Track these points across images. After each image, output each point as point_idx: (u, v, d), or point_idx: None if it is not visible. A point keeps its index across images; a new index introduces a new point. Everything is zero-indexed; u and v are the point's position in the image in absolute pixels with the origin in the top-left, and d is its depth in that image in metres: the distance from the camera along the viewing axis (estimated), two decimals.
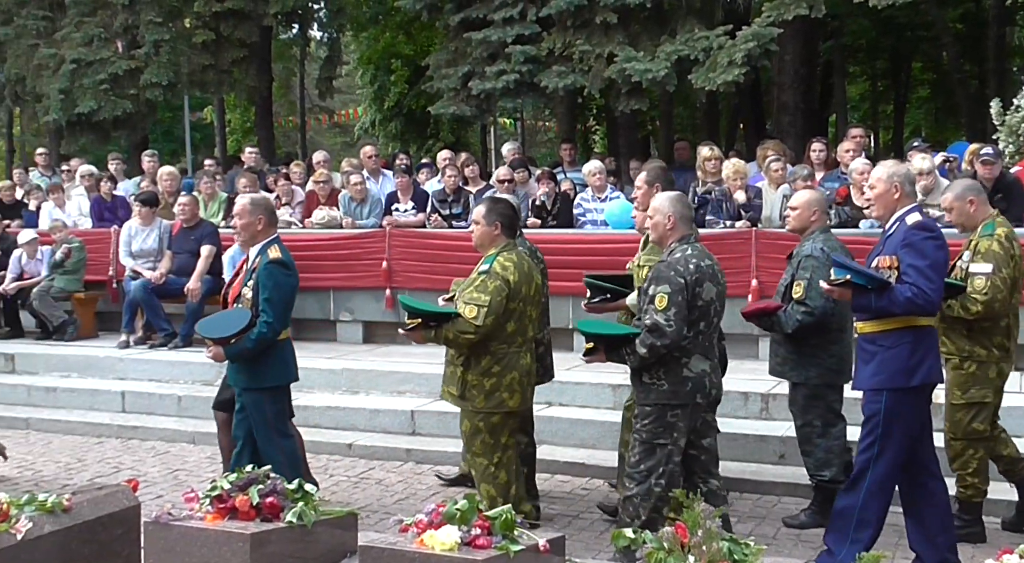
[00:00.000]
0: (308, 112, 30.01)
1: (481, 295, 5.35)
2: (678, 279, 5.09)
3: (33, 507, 4.04)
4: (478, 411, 5.52)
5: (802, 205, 6.07)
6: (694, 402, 5.23)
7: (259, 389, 5.94)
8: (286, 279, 5.96)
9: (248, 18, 16.02)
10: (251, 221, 6.01)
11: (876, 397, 5.04)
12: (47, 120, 16.36)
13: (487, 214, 5.61)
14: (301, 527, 4.31)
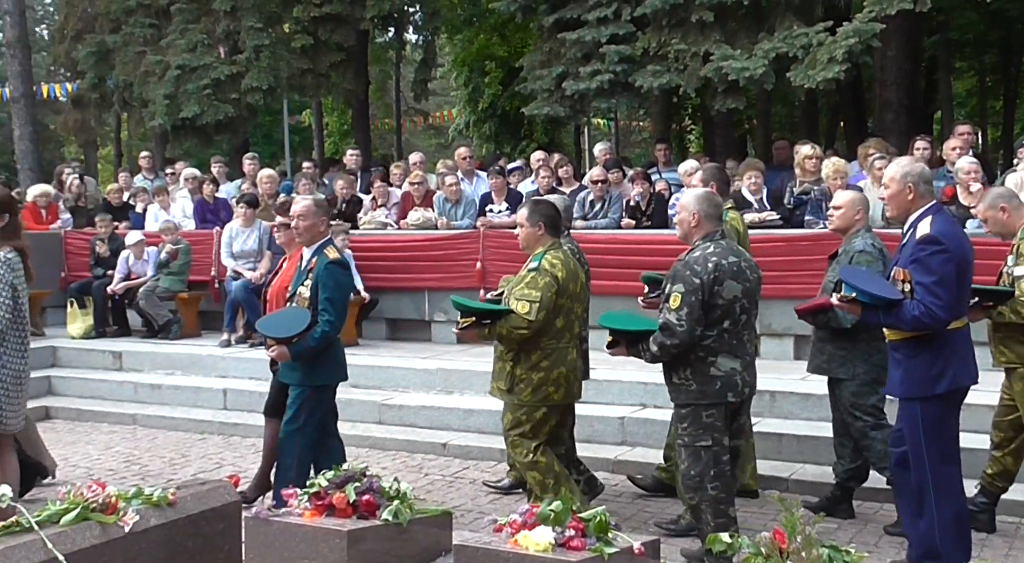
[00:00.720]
0: (404, 114, 30.38)
1: (532, 291, 5.50)
2: (693, 279, 5.13)
3: (140, 500, 4.15)
4: (523, 404, 5.66)
5: (846, 204, 6.05)
6: (726, 401, 5.25)
7: (308, 386, 6.05)
8: (346, 279, 6.19)
9: (345, 22, 16.26)
10: (315, 222, 6.14)
11: (909, 405, 5.03)
12: (153, 124, 16.87)
13: (530, 215, 5.76)
14: (396, 525, 4.35)
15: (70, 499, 3.96)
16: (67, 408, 9.93)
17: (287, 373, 6.12)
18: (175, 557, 4.18)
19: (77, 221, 13.15)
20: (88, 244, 12.13)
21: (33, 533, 3.73)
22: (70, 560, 3.69)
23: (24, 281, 5.61)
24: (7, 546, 3.63)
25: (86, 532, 3.86)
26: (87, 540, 3.84)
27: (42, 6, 40.33)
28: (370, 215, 11.43)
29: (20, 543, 3.67)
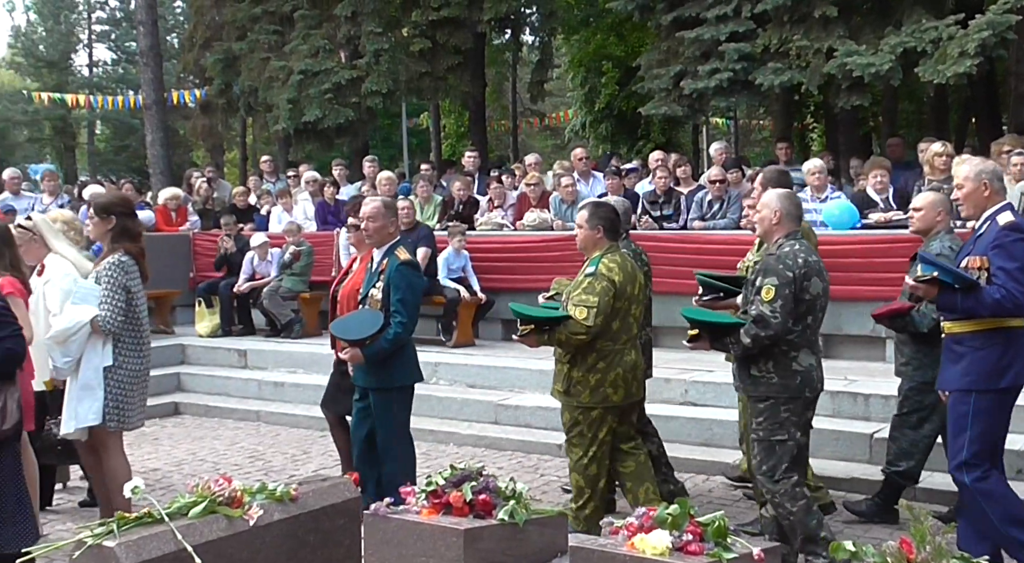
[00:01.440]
0: (520, 116, 30.47)
1: (590, 297, 5.53)
2: (786, 272, 5.14)
3: (263, 495, 4.24)
4: (581, 406, 5.68)
5: (926, 206, 6.00)
6: (804, 396, 5.28)
7: (389, 389, 6.04)
8: (418, 280, 6.13)
9: (463, 25, 16.40)
10: (384, 224, 6.12)
11: (964, 398, 4.97)
12: (276, 129, 17.32)
13: (590, 218, 5.79)
14: (513, 525, 4.33)
15: (198, 492, 4.08)
16: (195, 404, 10.26)
17: (363, 376, 6.10)
18: (297, 551, 4.26)
19: (205, 223, 13.58)
20: (215, 245, 12.51)
21: (164, 524, 3.85)
22: (198, 551, 3.80)
23: (139, 283, 5.76)
24: (140, 536, 3.76)
25: (213, 525, 3.97)
26: (214, 532, 3.94)
27: (173, 16, 41.85)
28: (487, 216, 11.51)
29: (152, 534, 3.79)
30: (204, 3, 20.99)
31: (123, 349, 5.69)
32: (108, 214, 5.75)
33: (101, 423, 5.64)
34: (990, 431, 4.96)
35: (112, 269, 5.62)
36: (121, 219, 5.78)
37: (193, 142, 31.80)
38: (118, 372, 5.66)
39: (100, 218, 5.78)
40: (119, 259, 5.67)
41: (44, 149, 45.92)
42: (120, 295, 5.61)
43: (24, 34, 46.75)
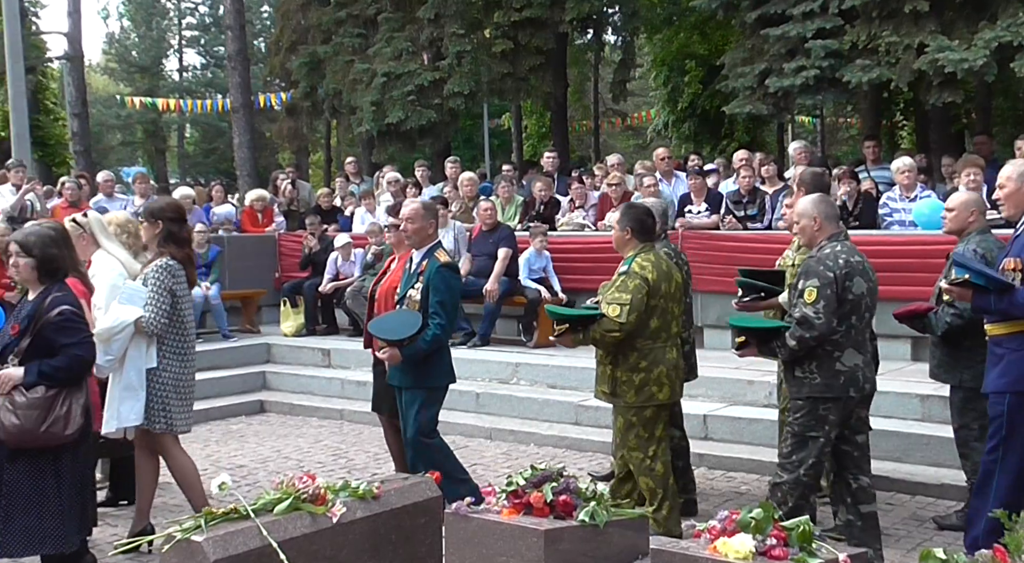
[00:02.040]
0: (602, 115, 30.40)
1: (622, 294, 5.59)
2: (827, 273, 5.18)
3: (347, 493, 4.29)
4: (630, 406, 5.72)
5: (959, 206, 5.96)
6: (847, 395, 5.27)
7: (422, 388, 6.05)
8: (457, 283, 6.15)
9: (545, 26, 16.40)
10: (423, 225, 6.15)
11: (999, 399, 4.96)
12: (360, 130, 17.52)
13: (620, 220, 5.89)
14: (593, 526, 4.32)
15: (283, 489, 4.14)
16: (280, 402, 10.42)
17: (398, 376, 6.11)
18: (379, 549, 4.30)
19: (290, 224, 13.80)
20: (300, 246, 12.70)
21: (249, 520, 3.92)
22: (282, 547, 3.85)
23: (185, 288, 5.81)
24: (227, 531, 3.83)
25: (297, 521, 4.03)
26: (298, 529, 4.00)
27: (260, 20, 42.65)
28: (568, 217, 11.48)
29: (238, 529, 3.86)
30: (290, 7, 21.35)
31: (166, 352, 5.74)
32: (156, 219, 5.83)
33: (145, 425, 5.70)
34: None
35: (159, 272, 5.69)
36: (167, 224, 5.83)
37: (279, 144, 32.40)
38: (161, 375, 5.72)
39: (148, 223, 5.87)
40: (167, 262, 5.73)
41: (136, 152, 47.17)
42: (165, 298, 5.68)
43: (118, 40, 48.14)
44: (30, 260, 5.12)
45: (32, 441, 4.92)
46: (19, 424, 4.88)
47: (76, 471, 5.12)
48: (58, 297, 5.05)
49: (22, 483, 4.98)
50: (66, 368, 4.98)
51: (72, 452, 5.08)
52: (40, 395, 4.92)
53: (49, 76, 28.03)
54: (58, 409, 4.94)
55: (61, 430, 4.94)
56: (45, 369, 4.95)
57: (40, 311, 5.01)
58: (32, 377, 4.95)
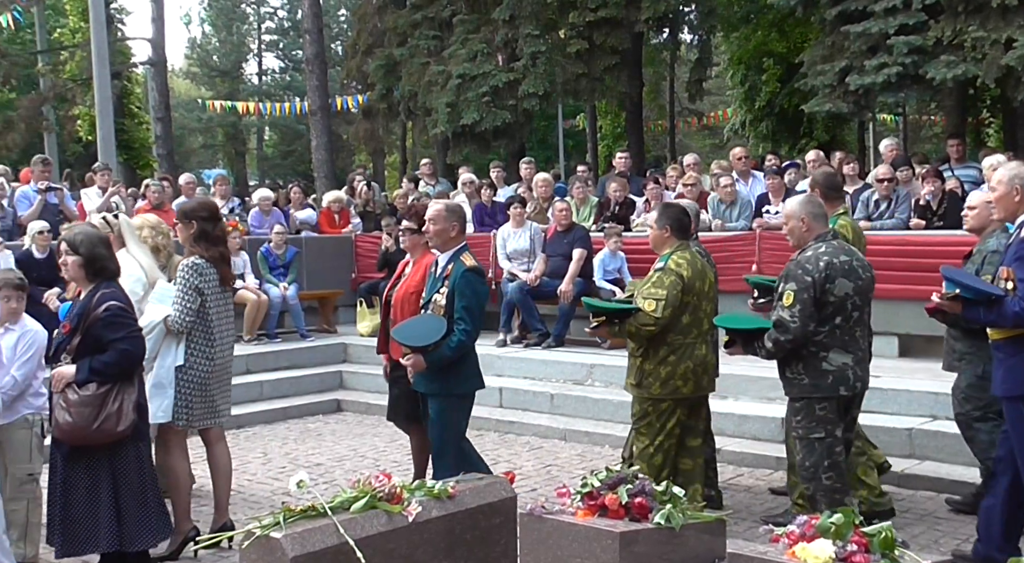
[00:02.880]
0: (677, 115, 30.17)
1: (658, 290, 5.73)
2: (805, 277, 5.31)
3: (423, 492, 4.31)
4: (651, 397, 5.85)
5: (980, 205, 6.08)
6: (838, 394, 5.38)
7: (449, 395, 5.92)
8: (483, 287, 5.99)
9: (620, 25, 16.33)
10: (445, 227, 5.98)
11: (1011, 405, 5.02)
12: (435, 132, 17.62)
13: (659, 219, 6.00)
14: (669, 529, 4.27)
15: (360, 488, 4.17)
16: (356, 402, 10.52)
17: (423, 382, 5.96)
18: (454, 548, 4.31)
19: (366, 225, 13.93)
20: (376, 246, 12.81)
21: (327, 518, 3.95)
22: (359, 545, 3.88)
23: (216, 286, 5.84)
24: (304, 529, 3.87)
25: (374, 520, 4.06)
26: (375, 527, 4.03)
27: (337, 24, 43.19)
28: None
29: (316, 527, 3.90)
30: (367, 11, 21.59)
31: (194, 350, 5.79)
32: (189, 219, 5.88)
33: (169, 421, 5.76)
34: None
35: (186, 270, 5.75)
36: (201, 223, 5.88)
37: (356, 146, 32.78)
38: (188, 372, 5.77)
39: (182, 223, 5.92)
40: (194, 262, 5.78)
41: (217, 155, 48.09)
42: (192, 296, 5.72)
43: (199, 45, 49.13)
44: (77, 258, 5.20)
45: (86, 438, 4.97)
46: (72, 421, 4.95)
47: (135, 470, 5.14)
48: (106, 294, 5.12)
49: (79, 482, 5.04)
50: (115, 363, 5.03)
51: (130, 450, 5.12)
52: (92, 392, 4.98)
53: (134, 81, 28.71)
54: (110, 405, 5.00)
55: (113, 426, 4.98)
56: (95, 365, 5.02)
57: (89, 308, 5.08)
58: (83, 374, 5.01)
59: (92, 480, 5.04)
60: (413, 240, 6.44)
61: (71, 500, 5.04)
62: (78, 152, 30.03)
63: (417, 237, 6.35)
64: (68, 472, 5.07)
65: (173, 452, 5.91)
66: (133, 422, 5.05)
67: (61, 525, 5.05)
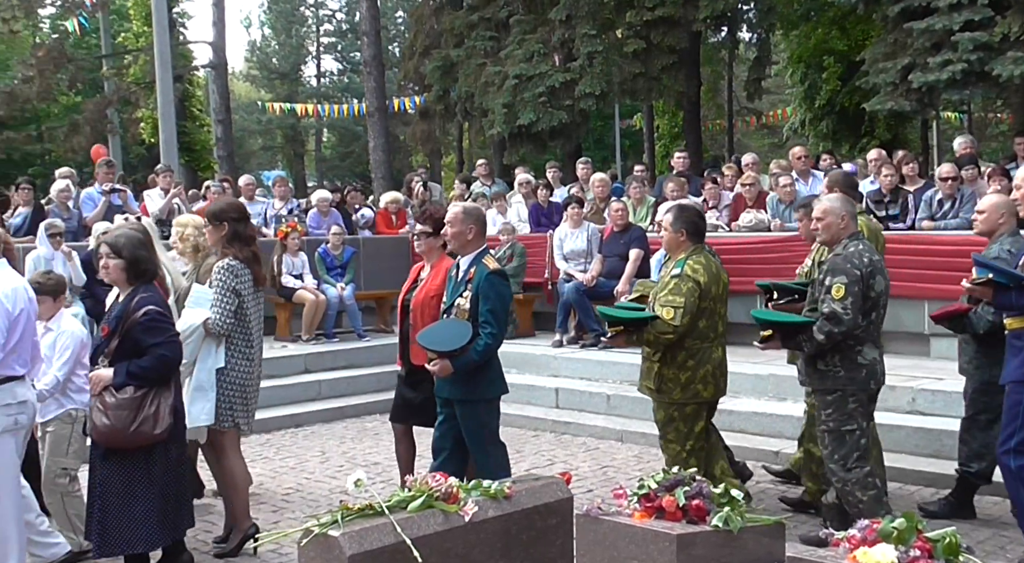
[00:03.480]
0: (736, 114, 29.93)
1: (676, 297, 5.76)
2: (854, 271, 5.43)
3: (479, 492, 4.31)
4: (674, 402, 5.90)
5: (989, 209, 6.12)
6: (869, 388, 5.56)
7: (476, 401, 5.85)
8: (507, 290, 5.90)
9: (678, 24, 16.23)
10: (463, 230, 5.88)
11: (1019, 388, 5.19)
12: (491, 132, 17.65)
13: (674, 222, 6.00)
14: (727, 532, 4.23)
15: (416, 488, 4.18)
16: None
17: (448, 388, 5.85)
18: (510, 548, 4.31)
19: None
20: None
21: (384, 517, 3.97)
22: (415, 544, 3.89)
23: (251, 288, 5.86)
24: (362, 527, 3.89)
25: (430, 519, 4.07)
26: (431, 527, 4.04)
27: (394, 26, 43.49)
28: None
29: (373, 526, 3.92)
30: (424, 12, 21.71)
31: (234, 352, 5.81)
32: (220, 221, 5.88)
33: (213, 424, 5.78)
34: None
35: (222, 273, 5.76)
36: (233, 225, 5.89)
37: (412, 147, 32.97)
38: (229, 374, 5.79)
39: (213, 225, 5.91)
40: (228, 263, 5.79)
41: (276, 156, 48.69)
42: (230, 298, 5.74)
43: (259, 48, 49.78)
44: (120, 261, 5.20)
45: (123, 441, 4.99)
46: (110, 424, 4.97)
47: (168, 471, 5.17)
48: (144, 297, 5.11)
49: (114, 482, 5.07)
50: (153, 368, 5.03)
51: (163, 452, 5.14)
52: (129, 395, 4.98)
53: (195, 84, 29.18)
54: (147, 409, 4.99)
55: (150, 429, 4.99)
56: (133, 369, 5.01)
57: (127, 312, 5.08)
58: (121, 378, 5.01)
59: (127, 481, 5.07)
60: (429, 243, 6.31)
61: (107, 500, 5.07)
62: (141, 154, 30.61)
63: (433, 240, 6.24)
64: (105, 472, 5.10)
65: (228, 453, 5.95)
66: (169, 426, 5.06)
67: (98, 525, 5.08)
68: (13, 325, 4.99)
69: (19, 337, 5.03)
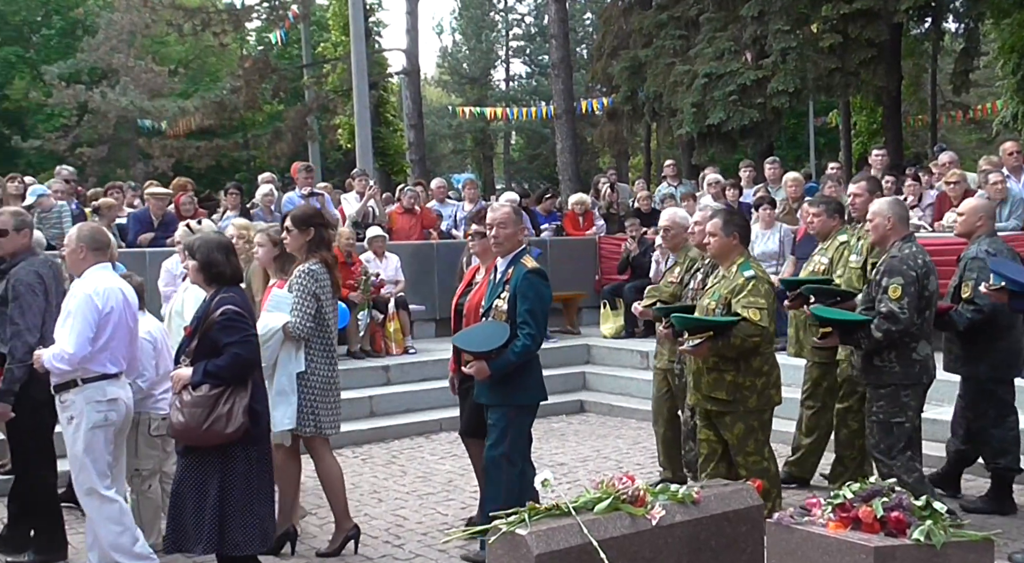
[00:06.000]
0: (940, 109, 28.58)
1: (759, 299, 5.72)
2: (910, 272, 5.68)
3: (666, 496, 4.26)
4: (751, 411, 5.83)
5: (968, 211, 6.59)
6: (922, 382, 5.81)
7: (512, 406, 5.63)
8: (547, 289, 5.71)
9: (877, 16, 15.65)
10: (514, 230, 5.71)
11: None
12: (680, 132, 17.47)
13: (724, 226, 5.93)
14: (929, 547, 4.04)
15: (603, 489, 4.17)
16: (599, 403, 10.57)
17: (485, 393, 5.70)
18: (698, 554, 4.23)
19: (609, 227, 13.97)
20: (619, 248, 12.82)
21: (570, 518, 3.97)
22: (602, 546, 3.88)
23: (329, 292, 5.86)
24: (549, 527, 3.91)
25: (617, 522, 4.04)
26: (618, 529, 4.01)
27: (583, 28, 43.65)
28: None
29: (559, 526, 3.93)
30: (612, 13, 21.72)
31: (314, 356, 5.82)
32: (307, 226, 5.91)
33: (296, 428, 5.79)
34: None
35: (303, 277, 5.80)
36: (319, 230, 5.93)
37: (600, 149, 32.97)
38: (310, 378, 5.80)
39: (299, 230, 5.91)
40: (309, 268, 5.81)
41: (466, 160, 49.68)
42: (310, 302, 5.76)
43: (450, 54, 50.93)
44: (194, 262, 5.32)
45: (196, 439, 5.02)
46: (184, 422, 4.99)
47: (243, 475, 5.11)
48: (224, 298, 5.14)
49: (190, 480, 5.10)
50: (228, 367, 5.03)
51: (240, 454, 5.10)
52: (203, 394, 4.99)
53: (389, 90, 30.10)
54: (220, 407, 4.98)
55: (222, 428, 4.97)
56: (210, 368, 5.03)
57: (208, 312, 5.14)
58: (198, 377, 5.04)
59: (201, 480, 5.07)
60: (483, 245, 6.14)
61: (182, 498, 5.12)
62: (338, 159, 31.87)
63: (487, 241, 6.04)
64: (182, 470, 5.15)
65: (324, 458, 5.99)
66: (242, 425, 5.01)
67: (172, 521, 5.13)
68: (103, 322, 5.27)
69: (110, 335, 5.30)
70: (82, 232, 5.57)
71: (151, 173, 23.88)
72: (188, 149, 25.85)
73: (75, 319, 5.23)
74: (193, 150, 25.81)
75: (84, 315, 5.23)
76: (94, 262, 5.48)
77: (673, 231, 7.09)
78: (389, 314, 11.13)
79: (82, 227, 5.68)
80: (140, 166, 26.90)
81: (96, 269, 5.46)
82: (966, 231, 6.60)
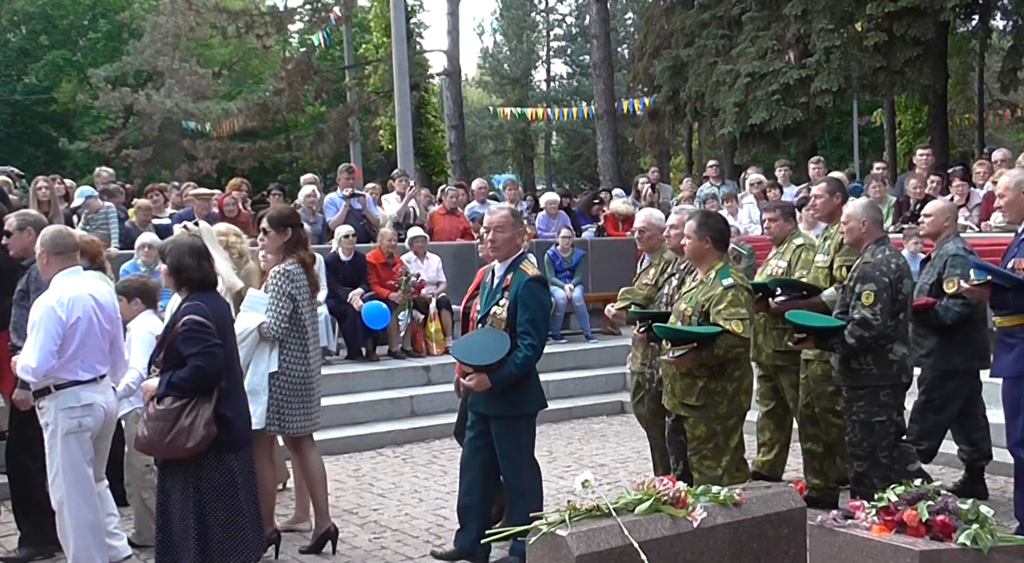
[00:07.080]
0: (987, 108, 28.18)
1: (740, 309, 5.58)
2: (883, 278, 5.80)
3: (708, 498, 4.23)
4: (718, 416, 5.72)
5: (935, 213, 6.81)
6: (900, 382, 5.93)
7: (514, 417, 5.55)
8: (547, 297, 5.58)
9: (923, 14, 15.47)
10: (513, 235, 5.58)
11: (1017, 384, 5.62)
12: (722, 132, 17.37)
13: (698, 229, 5.76)
14: (976, 551, 3.99)
15: (644, 490, 4.15)
16: None
17: (483, 403, 5.59)
18: (740, 556, 4.21)
19: None
20: None
21: (611, 519, 3.96)
22: (643, 548, 3.87)
23: (306, 293, 5.83)
24: (589, 528, 3.90)
25: (658, 523, 4.02)
26: (659, 531, 3.99)
27: (624, 28, 43.49)
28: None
29: (600, 527, 3.92)
30: (654, 13, 21.63)
31: (288, 356, 5.78)
32: (284, 227, 5.88)
33: (262, 427, 5.73)
34: None
35: (278, 278, 5.76)
36: (296, 230, 5.90)
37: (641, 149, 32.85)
38: (281, 378, 5.76)
39: (276, 231, 5.88)
40: (285, 268, 5.78)
41: (506, 160, 49.68)
42: (285, 302, 5.73)
43: (491, 55, 50.96)
44: (163, 266, 5.25)
45: (160, 452, 4.95)
46: (148, 436, 4.91)
47: (222, 483, 5.03)
48: (188, 307, 5.02)
49: (166, 491, 5.05)
50: (189, 379, 4.90)
51: (216, 464, 5.01)
52: (166, 407, 4.89)
53: (430, 91, 30.22)
54: (182, 421, 4.86)
55: (183, 443, 4.85)
56: (174, 380, 4.93)
57: (175, 321, 5.05)
58: (162, 388, 4.95)
59: (180, 491, 5.00)
60: None
61: (168, 509, 5.06)
62: (380, 160, 32.02)
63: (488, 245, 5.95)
64: (161, 482, 5.10)
65: (307, 456, 6.00)
66: (204, 439, 4.87)
67: (159, 533, 5.07)
68: (70, 333, 5.19)
69: (79, 344, 5.23)
70: (44, 237, 5.46)
71: (195, 175, 24.15)
72: (232, 150, 26.12)
73: (38, 332, 5.16)
74: (237, 151, 26.07)
75: (47, 328, 5.15)
76: (60, 267, 5.38)
77: (649, 233, 6.87)
78: (430, 314, 11.16)
79: (44, 231, 5.54)
80: (184, 167, 27.19)
81: (63, 276, 5.36)
82: (934, 231, 6.80)
